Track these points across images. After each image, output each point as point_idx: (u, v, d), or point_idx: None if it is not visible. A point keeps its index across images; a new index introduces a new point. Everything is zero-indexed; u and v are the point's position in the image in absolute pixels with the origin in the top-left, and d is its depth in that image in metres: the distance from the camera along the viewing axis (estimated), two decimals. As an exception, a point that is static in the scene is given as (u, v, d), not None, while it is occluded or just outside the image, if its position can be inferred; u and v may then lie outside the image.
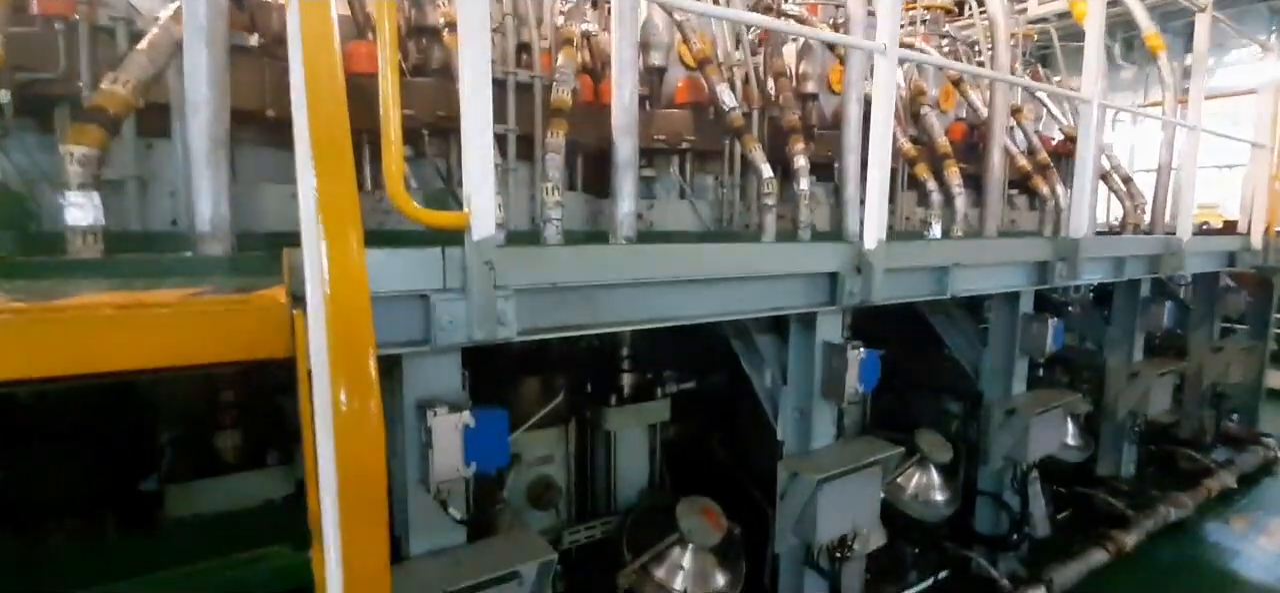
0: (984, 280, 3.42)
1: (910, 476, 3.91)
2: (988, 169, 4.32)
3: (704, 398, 4.21)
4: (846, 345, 2.81)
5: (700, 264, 2.33)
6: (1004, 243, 3.52)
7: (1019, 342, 3.87)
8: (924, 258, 3.03)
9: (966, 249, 3.24)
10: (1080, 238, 3.69)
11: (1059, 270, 3.69)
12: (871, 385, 2.92)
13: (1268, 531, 4.98)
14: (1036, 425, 3.72)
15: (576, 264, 2.04)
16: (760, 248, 2.55)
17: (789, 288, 2.65)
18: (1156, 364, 4.83)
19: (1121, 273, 4.32)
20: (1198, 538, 4.87)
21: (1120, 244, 4.28)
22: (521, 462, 3.07)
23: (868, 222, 2.71)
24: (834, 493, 2.77)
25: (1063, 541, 4.49)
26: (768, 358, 3.19)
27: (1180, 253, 4.59)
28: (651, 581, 2.85)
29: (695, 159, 4.46)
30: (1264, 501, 5.51)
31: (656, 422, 3.51)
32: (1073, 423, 4.89)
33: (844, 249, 2.71)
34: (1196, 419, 6.05)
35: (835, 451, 2.96)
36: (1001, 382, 3.96)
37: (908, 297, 3.07)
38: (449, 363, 1.95)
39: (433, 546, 2.04)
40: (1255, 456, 6.08)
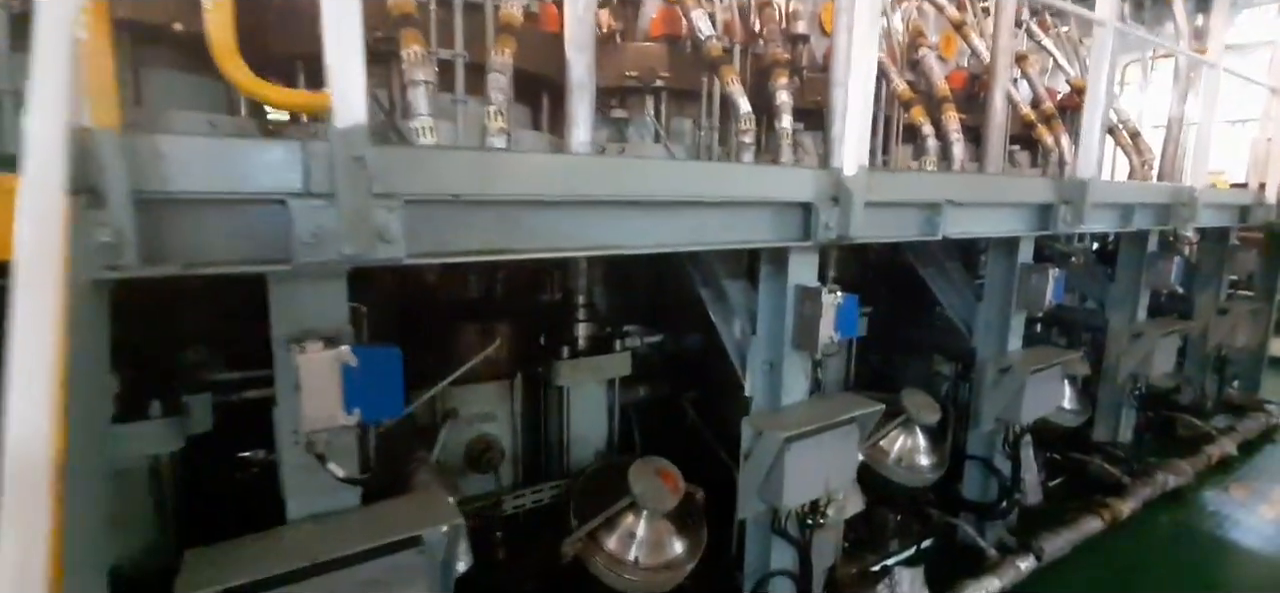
0: (980, 222, 3.07)
1: (894, 438, 3.61)
2: (989, 114, 3.97)
3: (678, 355, 3.89)
4: (821, 289, 2.47)
5: (646, 181, 1.97)
6: (1003, 180, 3.17)
7: (1016, 294, 3.53)
8: (912, 191, 2.68)
9: (960, 184, 2.88)
10: (1089, 179, 3.33)
11: (1063, 215, 3.34)
12: (849, 334, 2.59)
13: (1269, 499, 4.73)
14: (1032, 384, 3.41)
15: (483, 173, 1.67)
16: (721, 167, 2.20)
17: (755, 218, 2.29)
18: (1161, 324, 4.52)
19: (1129, 222, 3.98)
20: (1196, 506, 4.62)
21: (1129, 190, 3.93)
22: (458, 418, 2.74)
23: (846, 143, 2.35)
24: (803, 453, 2.46)
25: (1055, 508, 4.22)
26: (737, 306, 2.85)
27: (1193, 204, 4.24)
28: (600, 549, 2.55)
29: (672, 99, 4.08)
30: (1265, 468, 5.26)
31: (616, 377, 3.18)
32: (1070, 385, 4.59)
33: (819, 176, 2.35)
34: (1198, 385, 5.77)
35: (807, 407, 2.64)
36: (996, 338, 3.64)
37: (894, 235, 2.72)
38: (323, 289, 1.60)
39: (315, 508, 1.72)
40: (1257, 422, 5.81)
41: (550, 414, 3.08)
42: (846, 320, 2.55)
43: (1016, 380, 3.41)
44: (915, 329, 4.72)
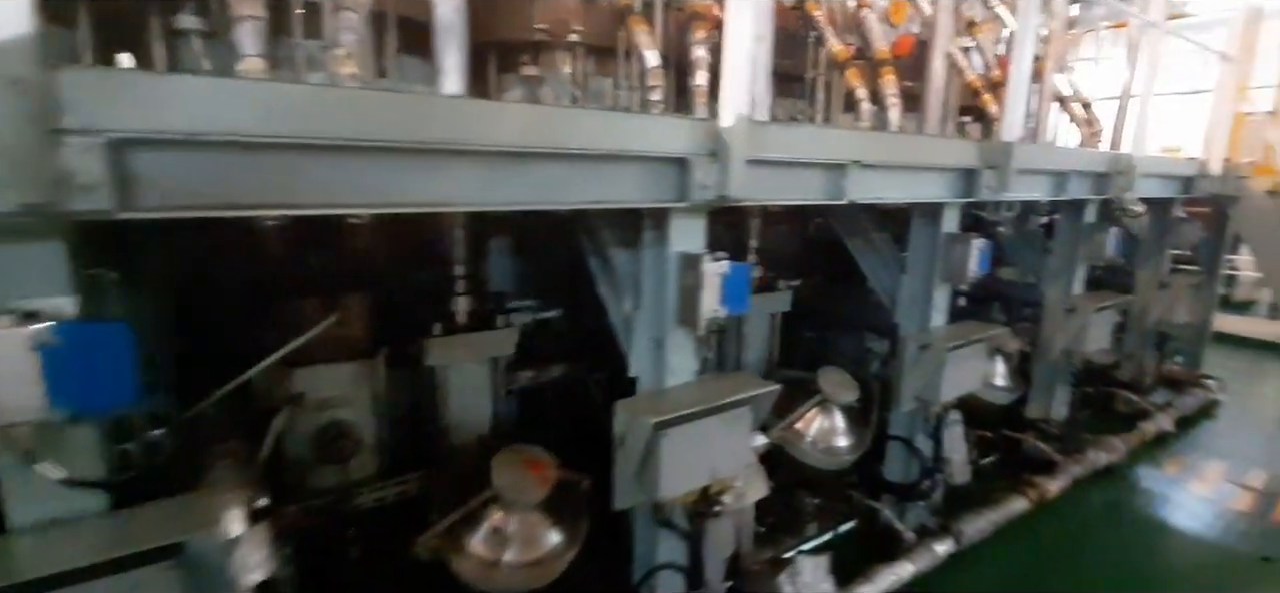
0: (894, 187, 2.83)
1: (811, 419, 3.41)
2: (928, 78, 3.75)
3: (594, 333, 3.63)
4: (702, 257, 2.21)
5: (466, 125, 1.66)
6: (919, 141, 2.92)
7: (939, 266, 3.33)
8: (809, 149, 2.41)
9: (869, 144, 2.63)
10: (1012, 142, 3.11)
11: (986, 181, 3.13)
12: (738, 308, 2.34)
13: (1201, 475, 4.67)
14: (952, 362, 3.22)
15: (230, 103, 1.36)
16: (571, 113, 1.90)
17: (620, 175, 2.01)
18: (1095, 298, 4.38)
19: (1063, 191, 3.79)
20: (1128, 483, 4.54)
21: (1060, 155, 3.72)
22: (304, 404, 2.44)
23: (726, 92, 2.07)
24: (682, 440, 2.22)
25: (984, 488, 4.09)
26: (623, 278, 2.58)
27: (1130, 171, 4.07)
28: (461, 548, 2.29)
29: (589, 57, 3.77)
30: (1200, 444, 5.22)
31: (500, 356, 2.90)
32: (1002, 361, 4.45)
33: (694, 127, 2.08)
34: (1138, 360, 5.70)
35: (694, 389, 2.40)
36: (919, 313, 3.44)
37: (790, 198, 2.47)
38: (20, 251, 1.29)
39: (42, 515, 1.42)
40: (1195, 398, 5.78)
41: (425, 398, 2.80)
42: (735, 293, 2.30)
43: (935, 357, 3.21)
44: (847, 303, 4.52)
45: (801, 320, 4.67)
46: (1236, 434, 5.43)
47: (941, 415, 3.53)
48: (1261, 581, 3.53)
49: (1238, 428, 5.56)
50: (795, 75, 4.69)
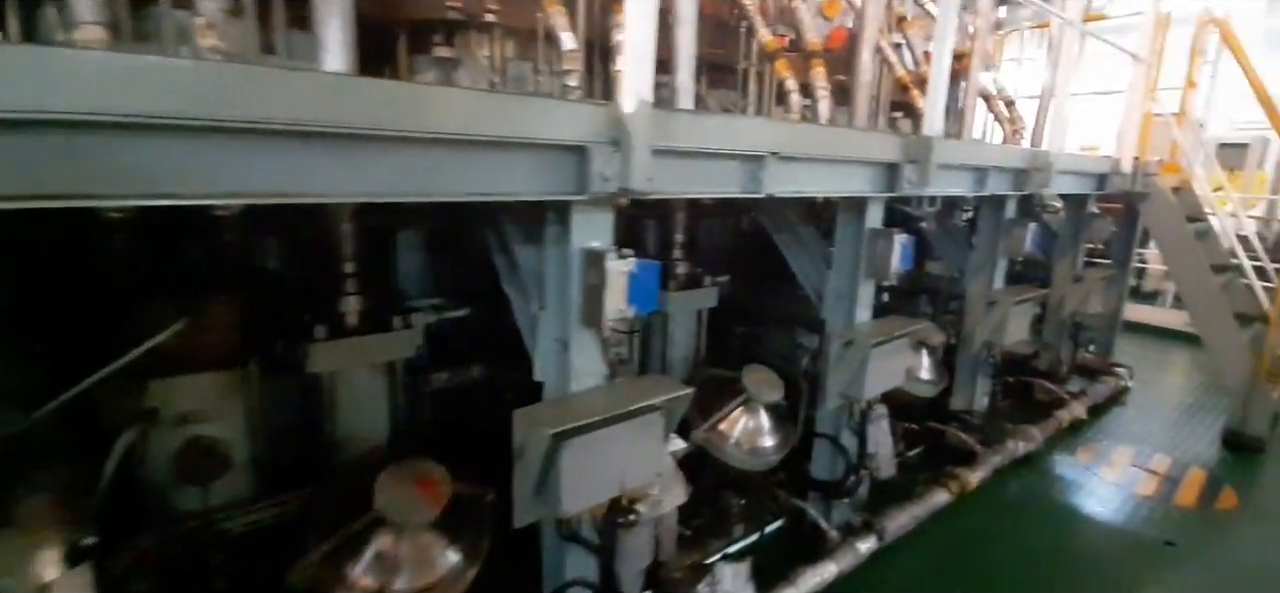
0: (815, 180, 2.74)
1: (735, 420, 3.31)
2: (856, 71, 3.69)
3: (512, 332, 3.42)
4: (605, 254, 2.05)
5: (332, 106, 1.44)
6: (841, 134, 2.84)
7: (863, 261, 3.28)
8: (723, 139, 2.28)
9: (788, 135, 2.52)
10: (933, 137, 3.08)
11: (908, 175, 3.08)
12: (648, 308, 2.20)
13: (1110, 461, 4.86)
14: (876, 358, 3.18)
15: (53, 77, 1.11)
16: (438, 92, 1.69)
17: (509, 164, 1.82)
18: (1015, 292, 4.47)
19: (984, 186, 3.81)
20: (1045, 472, 4.67)
21: (980, 151, 3.74)
22: (162, 419, 2.16)
23: (627, 75, 1.91)
24: (586, 451, 2.05)
25: (909, 481, 4.12)
26: (527, 275, 2.40)
27: (1048, 168, 4.14)
28: (340, 578, 2.07)
29: (507, 39, 3.56)
30: (1110, 430, 5.45)
31: (398, 361, 2.67)
32: (927, 355, 4.49)
33: (593, 112, 1.90)
34: (1055, 350, 5.91)
35: (600, 395, 2.24)
36: (845, 309, 3.39)
37: (703, 191, 2.34)
38: None
39: None
40: (1107, 386, 6.04)
41: (310, 409, 2.54)
42: (643, 292, 2.15)
43: (860, 355, 3.17)
44: (778, 299, 4.46)
45: (733, 316, 4.59)
46: (1144, 420, 5.70)
47: (867, 412, 3.50)
48: (1164, 565, 3.66)
49: (1145, 414, 5.84)
50: (728, 66, 4.59)
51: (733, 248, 5.02)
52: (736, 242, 5.04)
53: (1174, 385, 6.69)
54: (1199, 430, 5.49)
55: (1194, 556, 3.74)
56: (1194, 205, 5.80)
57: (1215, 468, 4.79)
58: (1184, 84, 6.13)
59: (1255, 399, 5.08)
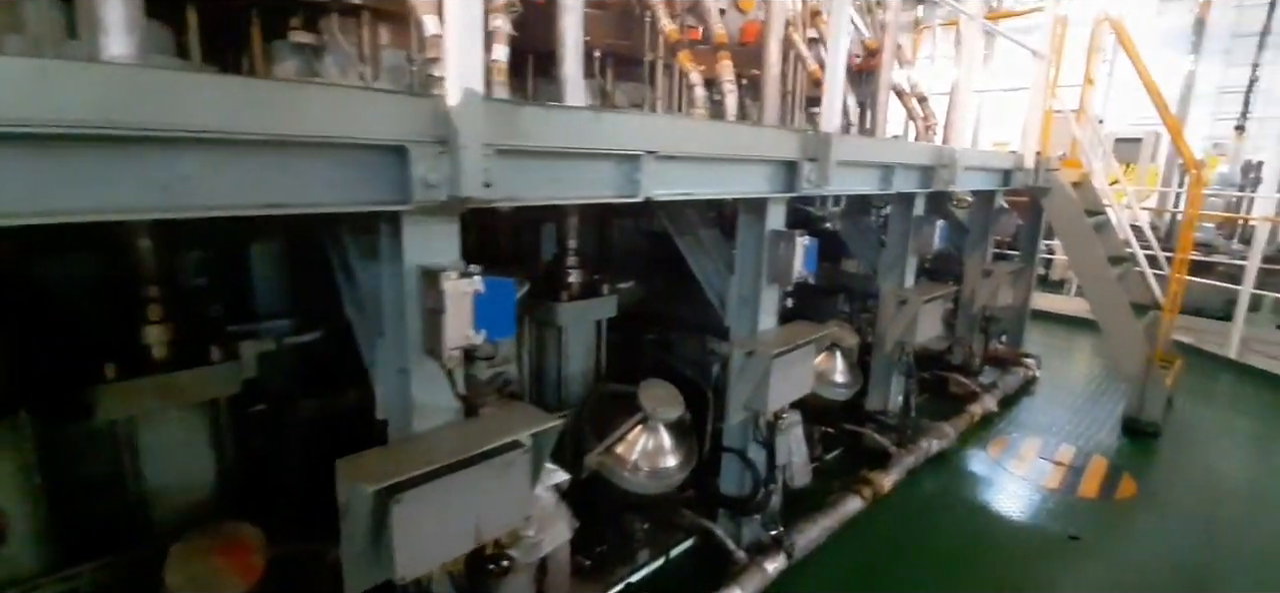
0: (703, 181, 2.52)
1: (633, 441, 3.06)
2: (765, 65, 3.53)
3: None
4: (443, 272, 1.74)
5: (39, 100, 1.08)
6: (732, 130, 2.63)
7: (765, 265, 3.09)
8: (588, 137, 2.01)
9: (669, 132, 2.28)
10: (832, 133, 2.92)
11: (807, 173, 2.91)
12: (502, 334, 1.90)
13: (1019, 454, 4.91)
14: (779, 368, 3.00)
15: None
16: (202, 81, 1.34)
17: (302, 170, 1.49)
18: (925, 290, 4.42)
19: (890, 184, 3.71)
20: (957, 469, 4.67)
21: (883, 148, 3.63)
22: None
23: (449, 61, 1.60)
24: (425, 504, 1.75)
25: (825, 489, 4.00)
26: (365, 295, 2.06)
27: (953, 165, 4.10)
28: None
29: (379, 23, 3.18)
30: (1020, 421, 5.54)
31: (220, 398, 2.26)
32: (841, 357, 4.38)
33: (414, 106, 1.59)
34: (967, 344, 5.98)
35: (445, 436, 1.93)
36: (748, 315, 3.20)
37: (567, 196, 2.06)
38: None
39: None
40: (1016, 376, 6.17)
41: (110, 462, 2.11)
42: (495, 315, 1.85)
43: (761, 365, 2.98)
44: (689, 305, 4.24)
45: (646, 323, 4.35)
46: (1050, 409, 5.84)
47: (774, 423, 3.33)
48: (1069, 560, 3.67)
49: (1052, 403, 5.99)
50: (636, 58, 4.35)
51: (648, 250, 4.79)
52: (650, 244, 4.81)
53: (1078, 373, 6.94)
54: (1100, 417, 5.67)
55: (1096, 548, 3.77)
56: (1093, 199, 5.98)
57: (1115, 456, 4.92)
58: (1082, 81, 6.33)
59: (1151, 386, 5.27)
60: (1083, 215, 5.50)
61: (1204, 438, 5.36)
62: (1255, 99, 12.69)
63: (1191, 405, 5.98)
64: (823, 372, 4.27)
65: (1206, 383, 6.68)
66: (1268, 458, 5.14)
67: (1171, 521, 4.07)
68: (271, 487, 2.56)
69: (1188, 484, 4.56)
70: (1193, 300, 8.77)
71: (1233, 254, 9.13)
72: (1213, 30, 13.40)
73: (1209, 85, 13.57)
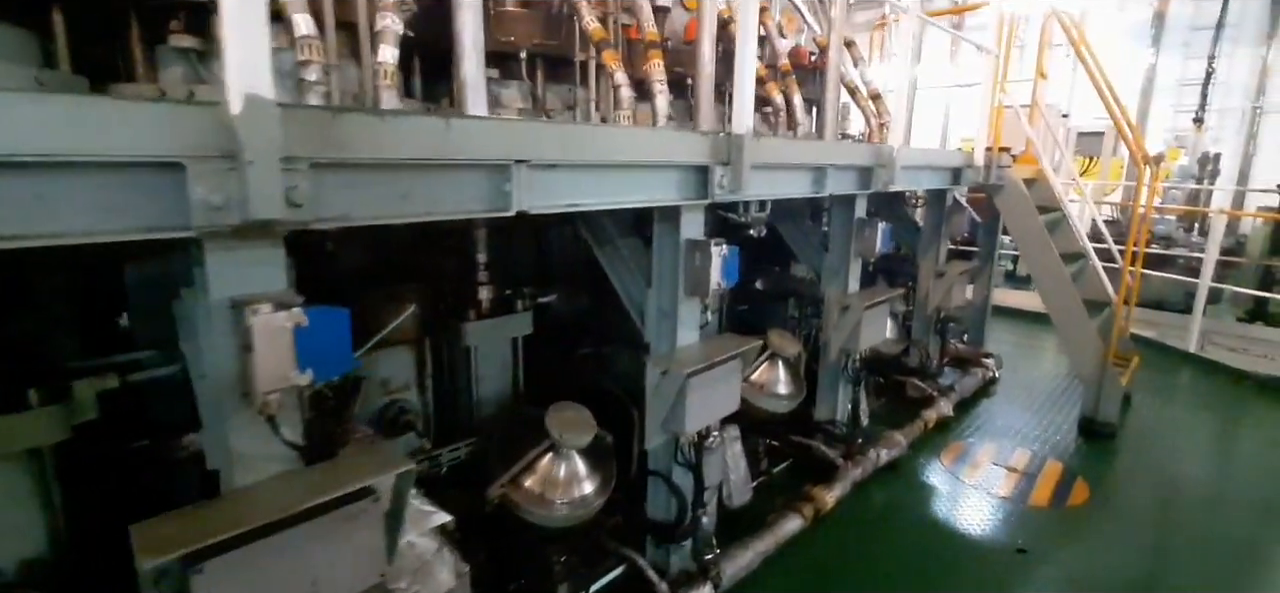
0: (596, 190, 2.31)
1: (543, 471, 2.84)
2: (697, 64, 3.35)
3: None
4: (248, 307, 1.51)
5: None
6: (631, 134, 2.42)
7: (682, 277, 2.89)
8: (439, 147, 1.79)
9: (546, 138, 2.06)
10: (743, 135, 2.73)
11: (719, 178, 2.72)
12: (331, 371, 1.68)
13: (974, 461, 4.77)
14: (697, 387, 2.80)
15: None
16: None
17: (66, 191, 1.26)
18: (868, 295, 4.25)
19: (822, 187, 3.53)
20: (908, 479, 4.50)
21: (808, 150, 3.45)
22: None
23: (230, 63, 1.37)
24: (236, 573, 1.51)
25: (767, 506, 3.81)
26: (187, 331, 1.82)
27: (891, 165, 3.94)
28: None
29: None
30: (976, 426, 5.40)
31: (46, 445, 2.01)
32: (783, 367, 4.20)
33: (191, 117, 1.36)
34: (923, 346, 5.84)
35: (271, 490, 1.69)
36: (668, 330, 2.99)
37: (412, 214, 1.83)
38: None
39: None
40: (975, 377, 6.04)
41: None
42: (323, 350, 1.62)
43: (675, 383, 2.77)
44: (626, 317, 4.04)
45: (580, 337, 4.14)
46: (1009, 411, 5.71)
47: (699, 445, 3.13)
48: (1013, 575, 3.51)
49: (1010, 404, 5.87)
50: (565, 58, 4.14)
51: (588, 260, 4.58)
52: (588, 253, 4.60)
53: (1041, 372, 6.83)
54: (1058, 419, 5.55)
55: (1043, 561, 3.62)
56: (1047, 196, 5.87)
57: (1070, 460, 4.79)
58: (1034, 75, 6.23)
59: (1106, 386, 5.15)
60: (1035, 213, 5.38)
61: (1161, 437, 5.26)
62: (1213, 91, 12.81)
63: (1150, 403, 5.89)
64: (763, 383, 4.08)
65: (1166, 379, 6.61)
66: (1224, 456, 5.05)
67: (1122, 529, 3.93)
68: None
69: (1141, 488, 4.44)
70: (1154, 294, 8.76)
71: (1192, 247, 9.14)
72: (1172, 23, 13.51)
73: (1170, 78, 13.68)
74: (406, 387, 2.91)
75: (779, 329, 4.25)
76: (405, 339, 2.85)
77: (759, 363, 4.11)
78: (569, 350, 4.07)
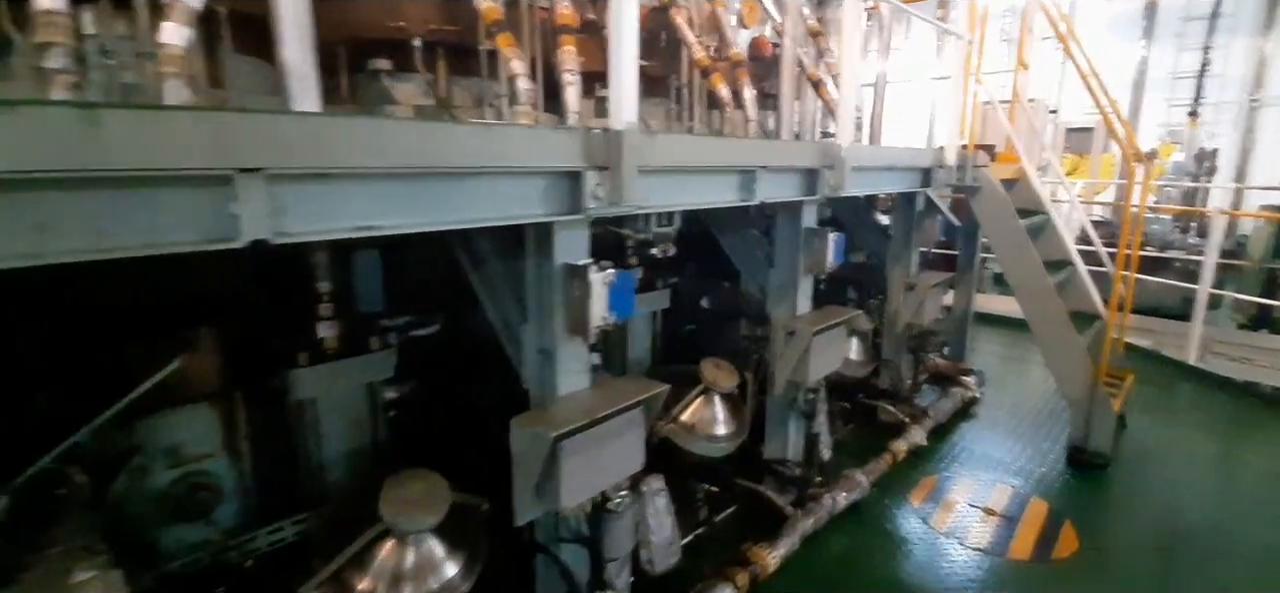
0: (399, 208, 1.73)
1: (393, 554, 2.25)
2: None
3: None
4: None
5: None
6: (440, 130, 1.81)
7: (562, 307, 2.31)
8: (71, 154, 1.20)
9: (297, 138, 1.48)
10: (624, 131, 2.15)
11: (593, 188, 2.14)
12: None
13: (945, 500, 4.18)
14: (574, 453, 2.20)
15: None
16: None
17: None
18: (819, 317, 3.67)
19: (751, 193, 2.95)
20: (868, 527, 3.91)
21: (726, 149, 2.84)
22: None
23: None
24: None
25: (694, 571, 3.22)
26: None
27: (840, 165, 3.36)
28: None
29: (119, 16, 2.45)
30: (953, 455, 4.82)
31: None
32: (721, 405, 3.62)
33: None
34: (895, 366, 5.27)
35: None
36: (549, 372, 2.40)
37: (52, 252, 1.24)
38: None
39: None
40: (953, 399, 5.46)
41: None
42: None
43: (538, 448, 2.18)
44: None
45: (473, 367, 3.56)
46: (990, 437, 5.13)
47: (597, 516, 2.54)
48: (986, 656, 2.93)
49: (992, 428, 5.29)
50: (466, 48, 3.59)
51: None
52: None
53: (1026, 388, 6.25)
54: (1045, 446, 4.97)
55: (1023, 636, 3.04)
56: (1029, 197, 5.31)
57: (1057, 498, 4.21)
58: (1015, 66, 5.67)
59: (1097, 410, 4.58)
60: (1015, 217, 4.81)
61: (1159, 467, 4.68)
62: (1208, 83, 12.28)
63: (1147, 425, 5.32)
64: (696, 424, 3.51)
65: (1164, 396, 6.04)
66: (1230, 490, 4.47)
67: (1115, 591, 3.36)
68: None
69: (1137, 533, 3.87)
70: (1151, 299, 8.20)
71: (1190, 250, 8.58)
72: (1164, 13, 12.99)
73: (1162, 71, 13.16)
74: (211, 454, 2.31)
75: (716, 360, 3.68)
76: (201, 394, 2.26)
77: (691, 400, 3.54)
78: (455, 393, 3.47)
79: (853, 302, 6.17)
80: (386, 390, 2.74)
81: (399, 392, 2.78)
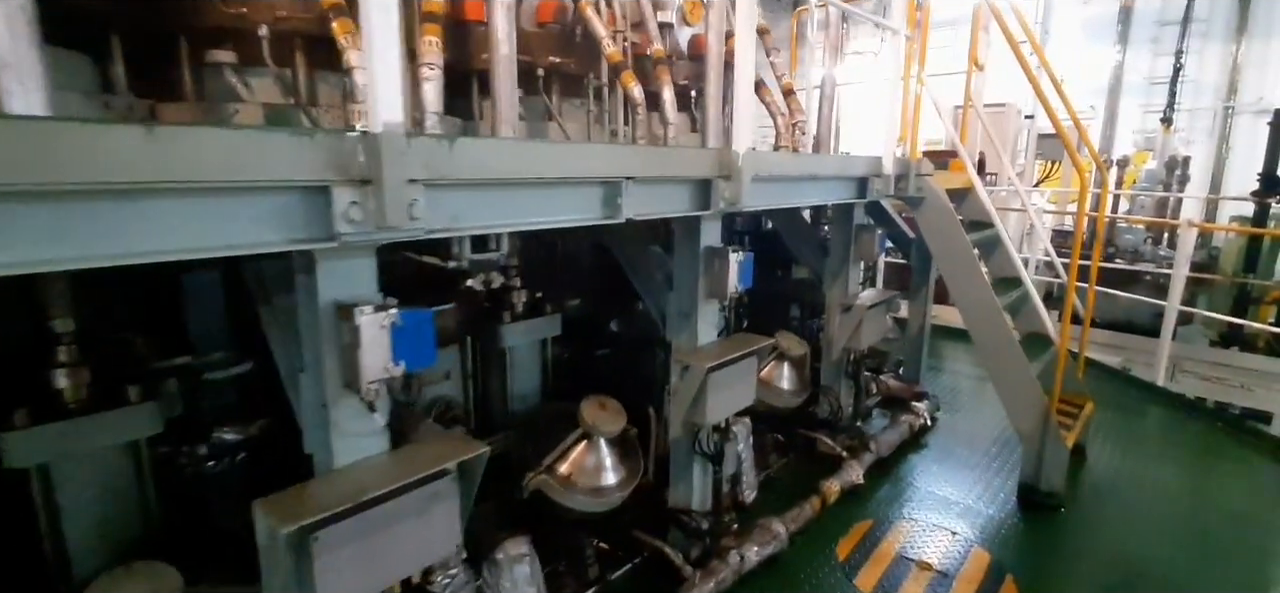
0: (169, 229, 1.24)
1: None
2: (492, 45, 2.46)
3: None
4: None
5: None
6: (212, 136, 1.31)
7: (329, 363, 1.82)
8: None
9: None
10: (380, 132, 1.66)
11: (344, 210, 1.65)
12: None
13: (878, 552, 3.72)
14: (331, 549, 1.70)
15: None
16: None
17: None
18: (721, 349, 3.19)
19: (617, 209, 2.48)
20: (786, 584, 3.44)
21: (565, 157, 2.35)
22: None
23: None
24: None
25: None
26: None
27: (737, 175, 2.90)
28: None
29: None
30: (893, 494, 4.36)
31: None
32: (607, 449, 3.14)
33: None
34: (835, 394, 4.81)
35: None
36: (322, 434, 1.91)
37: None
38: None
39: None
40: (899, 430, 5.01)
41: None
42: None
43: (284, 544, 1.69)
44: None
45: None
46: (937, 472, 4.69)
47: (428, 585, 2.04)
48: None
49: (941, 463, 4.84)
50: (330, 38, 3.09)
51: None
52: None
53: (985, 413, 5.80)
54: (996, 481, 4.54)
55: None
56: (978, 210, 4.88)
57: (1001, 547, 3.77)
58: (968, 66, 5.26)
59: (1049, 447, 4.14)
60: (961, 232, 4.37)
61: (1118, 507, 4.25)
62: (1183, 89, 11.98)
63: (1108, 455, 4.90)
64: (573, 474, 3.02)
65: (1129, 422, 5.62)
66: (1193, 530, 4.04)
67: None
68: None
69: (1087, 588, 3.42)
70: (1122, 314, 7.83)
71: (1161, 262, 8.21)
72: (1139, 17, 12.70)
73: (1137, 76, 12.86)
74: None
75: (600, 398, 3.20)
76: None
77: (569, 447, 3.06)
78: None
79: (795, 321, 5.74)
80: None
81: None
